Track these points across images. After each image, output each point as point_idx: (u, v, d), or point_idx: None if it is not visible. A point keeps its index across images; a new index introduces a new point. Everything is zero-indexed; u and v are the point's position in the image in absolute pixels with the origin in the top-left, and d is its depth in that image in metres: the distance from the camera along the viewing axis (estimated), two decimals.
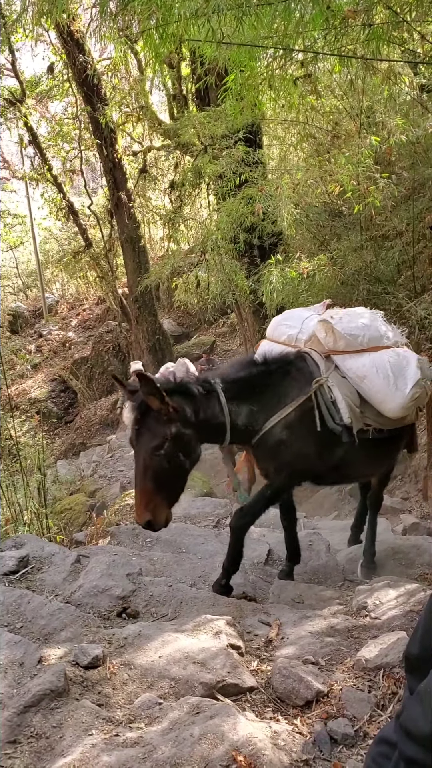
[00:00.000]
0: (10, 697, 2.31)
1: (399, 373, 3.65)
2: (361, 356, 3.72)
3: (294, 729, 2.21)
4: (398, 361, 3.71)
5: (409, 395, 3.59)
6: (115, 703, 2.36)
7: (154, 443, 3.16)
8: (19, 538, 4.30)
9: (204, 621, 2.86)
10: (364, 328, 3.79)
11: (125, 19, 4.65)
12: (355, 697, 2.33)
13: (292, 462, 3.62)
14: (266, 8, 3.97)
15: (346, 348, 3.74)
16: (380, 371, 3.65)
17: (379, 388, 3.63)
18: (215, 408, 3.42)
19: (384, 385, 3.62)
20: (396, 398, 3.61)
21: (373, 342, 3.77)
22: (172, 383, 3.32)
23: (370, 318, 3.96)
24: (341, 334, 3.72)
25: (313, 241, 9.76)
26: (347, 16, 4.34)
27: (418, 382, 3.64)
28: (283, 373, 3.67)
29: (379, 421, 3.72)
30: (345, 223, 9.06)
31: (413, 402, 3.65)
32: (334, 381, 3.64)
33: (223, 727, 2.05)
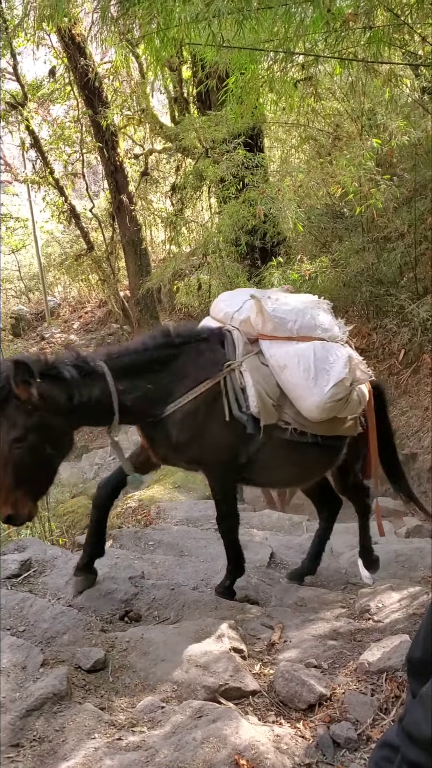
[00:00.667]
0: (12, 700, 2.31)
1: (322, 368, 3.26)
2: (288, 344, 3.35)
3: (297, 733, 2.21)
4: (325, 355, 3.31)
5: (329, 395, 3.21)
6: (118, 707, 2.36)
7: (13, 435, 2.85)
8: (21, 541, 4.30)
9: (206, 624, 2.85)
10: (297, 314, 3.40)
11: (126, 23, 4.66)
12: (357, 700, 2.33)
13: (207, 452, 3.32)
14: (267, 12, 3.98)
15: (273, 332, 3.37)
16: (302, 362, 3.28)
17: (297, 381, 3.28)
18: (97, 389, 3.07)
19: (303, 378, 3.26)
20: (313, 395, 3.24)
21: (305, 330, 3.38)
22: (41, 367, 2.97)
23: (311, 305, 3.55)
24: (270, 315, 3.35)
25: (314, 243, 9.78)
26: (348, 19, 4.35)
27: (342, 383, 3.24)
28: (193, 352, 3.32)
29: (299, 421, 3.36)
30: (347, 224, 9.08)
31: (334, 404, 3.25)
32: (249, 366, 3.30)
33: (226, 730, 2.05)
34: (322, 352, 3.31)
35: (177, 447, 3.32)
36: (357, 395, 3.39)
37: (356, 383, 3.35)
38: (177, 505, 6.24)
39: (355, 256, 8.26)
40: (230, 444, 3.33)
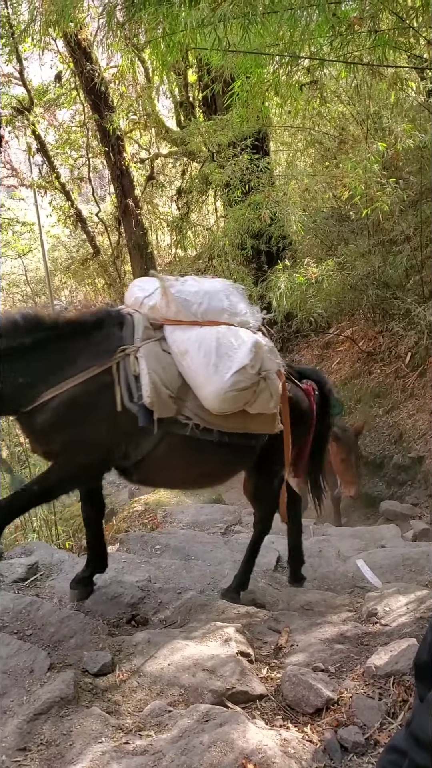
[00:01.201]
0: (20, 704, 2.31)
1: (224, 353, 2.96)
2: (192, 328, 3.05)
3: (304, 737, 2.20)
4: (229, 340, 3.01)
5: (230, 383, 2.90)
6: (125, 711, 2.36)
7: None
8: (28, 545, 4.31)
9: (213, 628, 2.85)
10: (203, 296, 3.11)
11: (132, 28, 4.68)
12: (365, 704, 2.32)
13: (71, 445, 3.02)
14: (272, 16, 3.99)
15: (177, 315, 3.08)
16: (202, 347, 2.97)
17: (197, 367, 2.97)
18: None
19: (203, 364, 2.95)
20: (212, 383, 2.93)
21: (211, 314, 3.09)
22: None
23: (220, 288, 3.25)
24: (173, 297, 3.06)
25: (320, 246, 9.77)
26: (353, 23, 4.35)
27: (245, 370, 2.93)
28: (82, 337, 3.04)
29: (202, 416, 3.05)
30: (352, 227, 9.07)
31: (236, 393, 2.94)
32: (146, 352, 2.99)
33: (233, 734, 2.04)
34: (226, 337, 3.02)
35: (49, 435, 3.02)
36: (269, 387, 3.09)
37: (265, 372, 3.05)
38: (183, 509, 6.24)
39: (361, 259, 8.25)
40: (111, 438, 3.04)
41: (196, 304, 3.08)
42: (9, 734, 2.16)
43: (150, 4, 3.88)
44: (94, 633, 2.96)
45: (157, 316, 3.15)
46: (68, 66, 14.73)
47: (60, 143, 16.86)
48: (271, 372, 3.10)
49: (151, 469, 3.20)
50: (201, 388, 2.99)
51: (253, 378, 2.99)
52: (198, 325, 3.07)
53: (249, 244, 9.63)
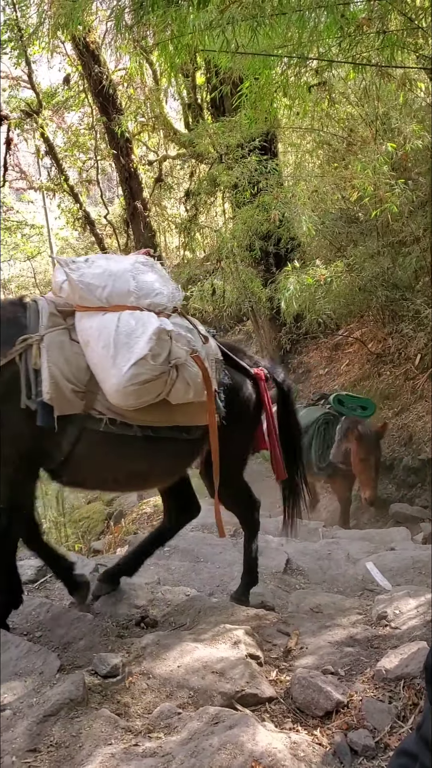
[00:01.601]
0: (29, 706, 2.31)
1: (124, 343, 2.66)
2: (96, 315, 2.76)
3: (314, 740, 2.20)
4: (131, 327, 2.69)
5: (128, 376, 2.61)
6: (134, 713, 2.36)
7: None
8: None
9: (222, 630, 2.85)
10: (108, 278, 2.79)
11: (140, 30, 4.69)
12: (375, 708, 2.31)
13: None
14: (280, 18, 3.99)
15: (82, 301, 2.79)
16: (102, 337, 2.69)
17: (97, 360, 2.70)
18: None
19: (103, 356, 2.67)
20: (112, 377, 2.65)
21: (116, 298, 2.77)
22: None
23: (128, 267, 2.89)
24: (76, 282, 2.77)
25: (329, 248, 9.76)
26: (361, 24, 4.35)
27: (145, 360, 2.62)
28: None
29: (115, 410, 2.75)
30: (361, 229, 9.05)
31: (138, 387, 2.64)
32: (49, 343, 2.71)
33: (242, 737, 2.04)
34: (128, 324, 2.71)
35: None
36: (185, 376, 2.78)
37: (176, 360, 2.74)
38: None
39: (370, 260, 8.23)
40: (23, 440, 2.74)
41: (101, 287, 2.78)
42: (19, 735, 2.16)
43: (158, 7, 3.89)
44: (104, 635, 2.97)
45: (70, 302, 2.86)
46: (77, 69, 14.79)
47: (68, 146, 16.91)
48: (183, 359, 2.78)
49: (78, 470, 2.93)
50: (103, 382, 2.72)
51: (159, 368, 2.68)
52: (104, 311, 2.77)
53: (257, 246, 9.63)
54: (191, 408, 2.90)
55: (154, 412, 2.80)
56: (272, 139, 10.81)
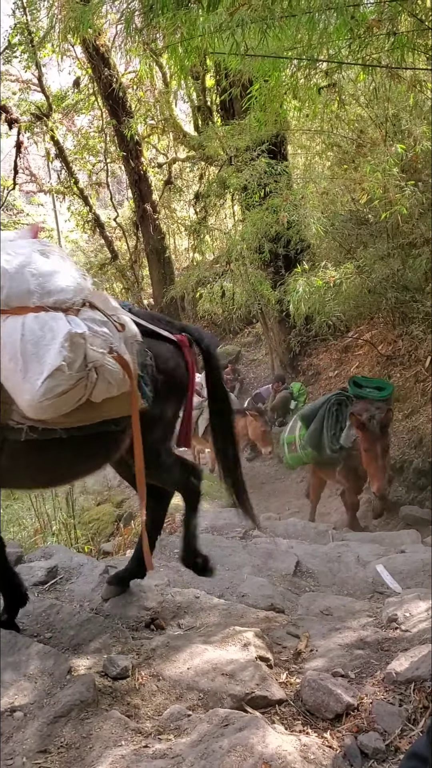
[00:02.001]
0: (40, 707, 2.32)
1: (33, 353, 2.37)
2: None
3: (324, 742, 2.19)
4: (38, 334, 2.39)
5: (42, 391, 2.35)
6: (144, 715, 2.36)
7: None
8: (48, 548, 4.33)
9: (232, 633, 2.85)
10: (3, 277, 2.45)
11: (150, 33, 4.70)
12: (385, 710, 2.30)
13: None
14: (290, 20, 3.99)
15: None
16: (7, 348, 2.39)
17: (6, 373, 2.42)
18: None
19: (11, 371, 2.40)
20: (24, 392, 2.39)
21: (15, 300, 2.45)
22: None
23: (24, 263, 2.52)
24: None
25: (339, 250, 9.75)
26: (371, 26, 4.34)
27: (60, 372, 2.37)
28: None
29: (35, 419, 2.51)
30: (371, 231, 9.04)
31: (55, 400, 2.40)
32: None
33: (252, 739, 2.03)
34: (33, 331, 2.40)
35: None
36: (105, 376, 2.55)
37: (93, 363, 2.49)
38: (201, 513, 6.23)
39: (380, 262, 8.22)
40: None
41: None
42: (29, 737, 2.17)
43: (168, 10, 3.90)
44: (114, 636, 2.97)
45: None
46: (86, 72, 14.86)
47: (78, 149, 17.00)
48: (101, 360, 2.53)
49: (6, 475, 2.74)
50: (16, 397, 2.46)
51: (75, 377, 2.44)
52: (6, 315, 2.44)
53: (267, 248, 9.63)
54: (117, 401, 2.69)
55: (78, 414, 2.57)
56: (282, 141, 10.82)
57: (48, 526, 5.47)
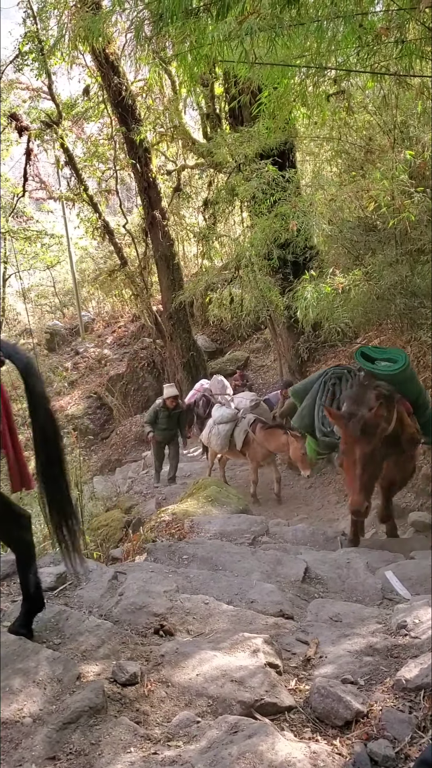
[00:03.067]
0: (49, 713, 2.32)
1: None
2: None
3: (333, 750, 2.18)
4: None
5: None
6: (153, 721, 2.36)
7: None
8: (57, 554, 4.33)
9: (241, 639, 2.84)
10: None
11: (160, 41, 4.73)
12: (395, 718, 2.30)
13: None
14: (298, 28, 4.00)
15: None
16: None
17: None
18: None
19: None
20: None
21: None
22: None
23: None
24: None
25: (347, 256, 9.74)
26: (380, 33, 4.35)
27: None
28: None
29: None
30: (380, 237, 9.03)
31: None
32: None
33: (262, 746, 2.03)
34: None
35: None
36: None
37: None
38: (211, 518, 6.23)
39: (388, 268, 8.20)
40: None
41: None
42: (38, 743, 2.17)
43: (177, 18, 3.92)
44: (122, 643, 2.97)
45: None
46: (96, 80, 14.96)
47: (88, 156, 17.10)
48: None
49: None
50: None
51: None
52: None
53: (275, 255, 9.64)
54: None
55: None
56: (290, 149, 10.84)
57: None
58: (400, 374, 5.13)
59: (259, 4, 3.91)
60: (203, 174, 16.45)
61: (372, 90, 7.50)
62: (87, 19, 5.15)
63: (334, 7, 4.03)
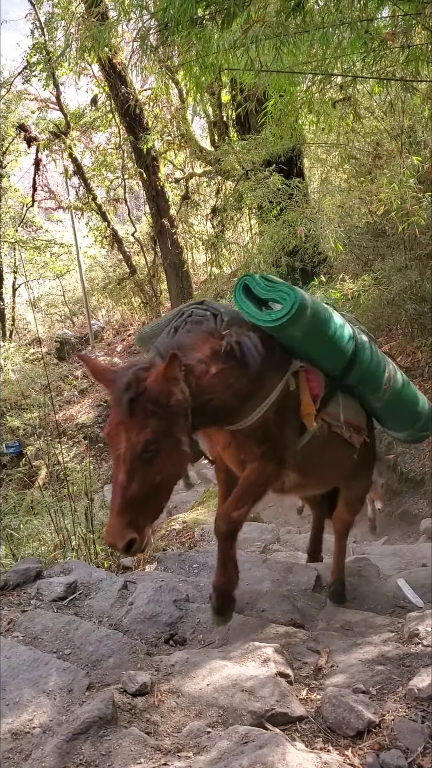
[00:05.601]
0: (59, 723, 2.32)
1: None
2: None
3: (345, 760, 2.16)
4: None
5: None
6: (163, 732, 2.34)
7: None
8: (67, 564, 4.33)
9: (252, 648, 2.82)
10: None
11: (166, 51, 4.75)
12: (408, 728, 2.27)
13: None
14: (304, 36, 4.01)
15: None
16: None
17: None
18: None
19: None
20: None
21: None
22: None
23: None
24: None
25: (356, 262, 9.75)
26: (386, 39, 4.35)
27: None
28: None
29: None
30: (388, 242, 9.03)
31: None
32: None
33: (273, 757, 2.01)
34: None
35: None
36: None
37: None
38: None
39: (397, 274, 8.20)
40: None
41: None
42: (48, 754, 2.16)
43: (183, 28, 3.94)
44: (133, 652, 2.96)
45: None
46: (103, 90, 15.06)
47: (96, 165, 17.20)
48: None
49: None
50: None
51: None
52: None
53: (284, 261, 9.65)
54: None
55: None
56: (298, 156, 10.86)
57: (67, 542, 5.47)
58: (286, 326, 3.03)
59: (264, 13, 3.92)
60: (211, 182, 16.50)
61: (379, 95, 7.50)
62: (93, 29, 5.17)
63: (339, 14, 4.04)
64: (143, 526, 2.59)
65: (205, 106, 13.96)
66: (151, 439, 2.57)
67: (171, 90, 14.14)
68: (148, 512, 2.66)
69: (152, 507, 2.70)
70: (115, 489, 2.58)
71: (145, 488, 2.57)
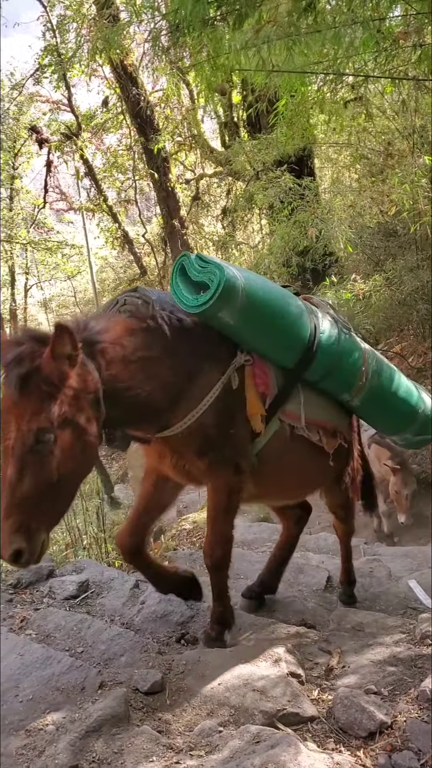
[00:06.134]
0: (72, 721, 2.32)
1: None
2: None
3: (357, 761, 2.16)
4: None
5: None
6: (175, 730, 2.35)
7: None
8: (79, 563, 4.35)
9: (263, 648, 2.82)
10: None
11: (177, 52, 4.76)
12: (419, 729, 2.26)
13: None
14: (315, 35, 4.00)
15: None
16: None
17: None
18: None
19: None
20: None
21: None
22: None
23: None
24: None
25: (368, 262, 9.72)
26: (398, 38, 4.35)
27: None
28: None
29: None
30: (400, 242, 9.00)
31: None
32: None
33: (284, 757, 2.01)
34: None
35: None
36: None
37: None
38: None
39: (409, 274, 8.17)
40: None
41: None
42: (61, 751, 2.17)
43: (194, 29, 3.94)
44: (144, 651, 2.97)
45: None
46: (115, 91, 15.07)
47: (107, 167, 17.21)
48: None
49: None
50: None
51: None
52: None
53: (294, 262, 9.63)
54: None
55: None
56: (309, 156, 10.84)
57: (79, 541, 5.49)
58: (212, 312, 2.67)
59: (276, 13, 3.92)
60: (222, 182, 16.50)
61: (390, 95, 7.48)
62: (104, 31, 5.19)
63: (351, 14, 4.03)
64: (35, 532, 2.22)
65: (216, 106, 13.98)
66: (46, 428, 2.20)
67: (182, 91, 14.14)
68: (42, 516, 2.26)
69: (48, 510, 2.28)
70: (3, 488, 2.19)
71: (38, 487, 2.20)
